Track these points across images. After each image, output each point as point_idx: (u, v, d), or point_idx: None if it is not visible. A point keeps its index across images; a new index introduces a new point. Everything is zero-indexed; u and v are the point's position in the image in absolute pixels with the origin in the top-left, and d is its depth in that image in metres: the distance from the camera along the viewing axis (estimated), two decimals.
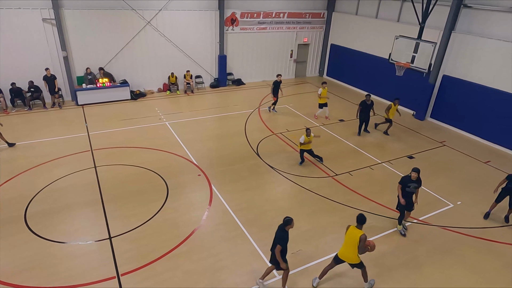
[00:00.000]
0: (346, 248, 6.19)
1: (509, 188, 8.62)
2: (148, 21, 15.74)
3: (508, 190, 8.66)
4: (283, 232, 6.02)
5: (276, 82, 14.69)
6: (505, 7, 12.36)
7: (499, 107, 12.90)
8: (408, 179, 7.70)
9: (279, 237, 6.00)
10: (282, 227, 6.05)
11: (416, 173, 7.58)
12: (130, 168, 10.35)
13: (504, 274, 7.22)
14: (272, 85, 14.79)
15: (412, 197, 7.92)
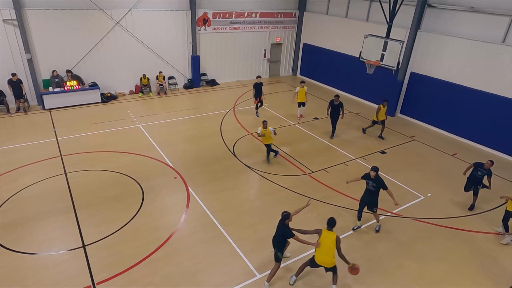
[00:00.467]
0: (325, 253, 6.18)
1: (473, 176, 9.14)
2: (117, 21, 15.33)
3: (473, 178, 9.16)
4: (284, 227, 6.26)
5: (256, 84, 14.28)
6: (466, 7, 12.99)
7: (462, 102, 13.54)
8: (368, 177, 7.94)
9: (285, 232, 6.24)
10: (282, 222, 6.28)
11: (374, 172, 7.77)
12: (103, 173, 10.04)
13: (472, 260, 7.60)
14: (253, 88, 14.34)
15: (374, 197, 7.96)
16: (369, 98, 17.42)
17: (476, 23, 12.93)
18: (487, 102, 12.80)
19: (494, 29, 12.43)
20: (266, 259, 7.24)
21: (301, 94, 14.31)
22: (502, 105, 12.38)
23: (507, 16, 12.00)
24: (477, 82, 13.08)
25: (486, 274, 7.24)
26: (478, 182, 9.16)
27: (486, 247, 8.03)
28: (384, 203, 9.40)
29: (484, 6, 12.52)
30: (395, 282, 6.92)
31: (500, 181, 10.95)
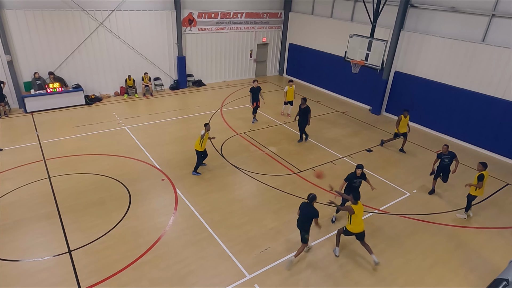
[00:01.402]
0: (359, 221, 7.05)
1: (442, 165, 9.78)
2: (101, 22, 15.08)
3: (443, 167, 9.80)
4: (309, 207, 6.90)
5: (253, 88, 13.75)
6: (447, 7, 13.30)
7: (444, 100, 13.86)
8: (354, 176, 8.16)
9: (311, 212, 6.87)
10: (308, 204, 6.91)
11: (360, 169, 8.11)
12: (88, 176, 9.87)
13: (456, 254, 7.79)
14: (250, 93, 13.89)
15: (358, 191, 8.36)
16: (355, 97, 17.64)
17: (457, 22, 13.25)
18: (467, 99, 13.14)
19: (474, 28, 12.76)
20: (256, 259, 7.26)
21: (289, 92, 14.40)
22: (481, 102, 12.72)
23: (486, 16, 12.34)
24: (457, 80, 13.41)
25: (470, 267, 7.43)
26: (447, 169, 9.76)
27: (469, 241, 8.24)
28: (372, 200, 9.56)
29: (464, 6, 12.84)
30: (382, 277, 7.03)
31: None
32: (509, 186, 10.81)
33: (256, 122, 14.24)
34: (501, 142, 12.46)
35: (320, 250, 7.68)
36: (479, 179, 8.39)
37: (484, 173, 8.42)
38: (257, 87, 13.77)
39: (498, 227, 8.84)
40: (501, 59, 12.07)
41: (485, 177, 8.41)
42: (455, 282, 7.03)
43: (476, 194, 8.68)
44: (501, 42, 12.08)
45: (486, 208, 9.60)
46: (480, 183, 8.36)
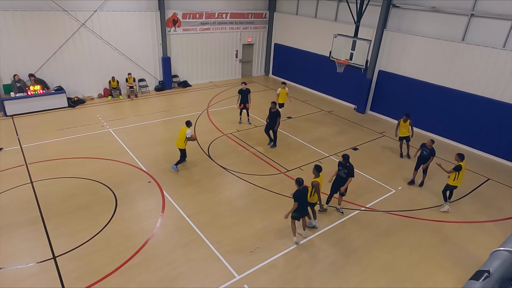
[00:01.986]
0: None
1: (421, 155, 10.21)
2: (83, 23, 14.80)
3: (421, 158, 10.24)
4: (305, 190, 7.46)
5: (241, 90, 13.57)
6: (428, 7, 13.60)
7: (427, 98, 14.17)
8: (340, 163, 8.64)
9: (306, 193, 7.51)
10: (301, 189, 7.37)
11: (343, 158, 8.46)
12: (72, 180, 9.67)
13: (441, 249, 7.98)
14: (238, 94, 13.68)
15: (343, 183, 8.64)
16: (341, 96, 17.83)
17: (438, 22, 13.56)
18: (449, 97, 13.46)
19: (454, 28, 13.08)
20: (245, 260, 7.26)
21: (282, 95, 14.32)
22: (463, 100, 13.06)
23: (465, 16, 12.67)
24: (440, 79, 13.73)
25: (454, 261, 7.62)
26: (424, 161, 10.17)
27: (453, 235, 8.45)
28: (359, 198, 9.69)
29: (444, 6, 13.15)
30: (370, 273, 7.14)
31: (465, 173, 11.52)
32: (490, 181, 11.13)
33: (246, 124, 14.16)
34: (482, 139, 12.82)
35: (310, 249, 7.74)
36: (456, 170, 8.76)
37: (462, 164, 8.77)
38: (246, 89, 13.62)
39: (480, 221, 9.09)
40: (480, 57, 12.42)
41: (463, 168, 8.74)
42: (441, 276, 7.19)
43: (453, 184, 9.01)
44: (480, 41, 12.43)
45: (469, 203, 9.86)
46: (457, 174, 8.77)
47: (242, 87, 13.69)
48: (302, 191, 7.39)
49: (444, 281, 7.06)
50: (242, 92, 13.62)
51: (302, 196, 7.39)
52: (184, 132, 9.92)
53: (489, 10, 12.05)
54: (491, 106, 12.38)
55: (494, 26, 12.03)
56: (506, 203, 9.91)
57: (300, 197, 7.35)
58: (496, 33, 12.01)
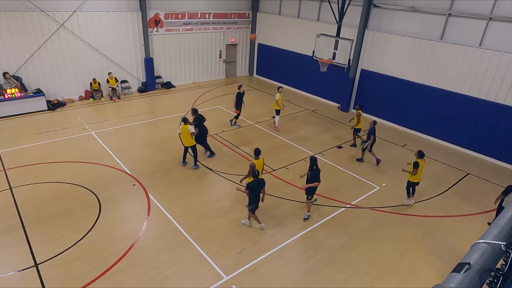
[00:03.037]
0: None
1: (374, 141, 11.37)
2: (61, 23, 14.44)
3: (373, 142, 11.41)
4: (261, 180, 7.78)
5: (239, 93, 13.42)
6: (407, 6, 13.90)
7: (408, 96, 14.48)
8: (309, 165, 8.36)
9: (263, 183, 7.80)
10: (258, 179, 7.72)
11: (310, 161, 8.23)
12: (53, 185, 9.42)
13: (423, 243, 8.17)
14: (235, 98, 13.52)
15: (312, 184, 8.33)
16: (324, 95, 18.02)
17: (417, 21, 13.88)
18: (429, 95, 13.80)
19: (433, 27, 13.42)
20: (233, 260, 7.25)
21: (280, 101, 13.39)
22: (442, 97, 13.41)
23: (443, 15, 13.02)
24: (419, 77, 14.06)
25: (436, 254, 7.82)
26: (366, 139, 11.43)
27: (435, 230, 8.67)
28: (344, 195, 9.82)
29: (423, 6, 13.48)
30: (356, 269, 7.25)
31: (444, 168, 11.87)
32: (469, 176, 11.47)
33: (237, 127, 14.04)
34: (461, 134, 13.20)
35: (296, 247, 7.79)
36: (414, 166, 8.94)
37: (419, 161, 8.97)
38: (243, 92, 13.52)
39: (460, 214, 9.36)
40: (457, 56, 12.79)
41: (420, 165, 8.96)
42: (424, 270, 7.37)
43: (412, 180, 9.23)
44: (458, 40, 12.79)
45: (449, 197, 10.14)
46: (415, 170, 8.92)
47: (240, 91, 13.50)
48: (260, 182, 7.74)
49: (428, 274, 7.24)
50: (239, 95, 13.45)
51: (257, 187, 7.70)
52: (187, 129, 10.03)
53: (466, 10, 12.42)
54: (468, 103, 12.76)
55: (470, 25, 12.40)
56: (484, 197, 10.23)
57: (255, 188, 7.66)
58: (472, 32, 12.39)
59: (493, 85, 12.13)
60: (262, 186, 7.86)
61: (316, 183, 8.20)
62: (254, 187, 7.66)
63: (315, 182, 8.18)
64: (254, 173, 7.86)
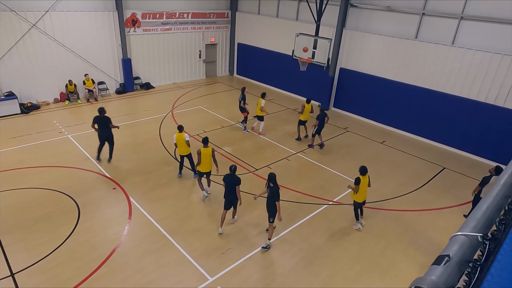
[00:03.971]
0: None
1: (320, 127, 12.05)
2: (33, 24, 13.93)
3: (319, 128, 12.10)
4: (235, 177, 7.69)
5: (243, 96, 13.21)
6: (383, 6, 14.22)
7: (386, 94, 14.83)
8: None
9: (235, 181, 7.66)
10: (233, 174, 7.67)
11: (268, 178, 7.16)
12: (29, 191, 9.09)
13: (404, 236, 8.39)
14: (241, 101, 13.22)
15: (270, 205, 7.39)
16: (305, 94, 18.15)
17: (393, 21, 14.22)
18: (406, 92, 14.17)
19: (408, 26, 13.79)
20: (218, 261, 7.21)
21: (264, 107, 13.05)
22: (419, 94, 13.80)
23: (417, 15, 13.39)
24: (397, 75, 14.42)
25: (416, 247, 8.05)
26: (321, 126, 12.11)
27: (414, 223, 8.92)
28: (326, 193, 9.95)
29: (398, 6, 13.82)
30: (340, 265, 7.36)
31: (422, 163, 12.22)
32: (445, 170, 11.86)
33: (214, 125, 14.07)
34: (437, 130, 13.63)
35: (280, 246, 7.83)
36: (355, 183, 7.88)
37: (361, 177, 7.86)
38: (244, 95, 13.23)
39: (438, 208, 9.67)
40: (432, 54, 13.19)
41: (362, 181, 7.84)
42: (405, 263, 7.57)
43: (354, 198, 8.15)
44: (432, 39, 13.19)
45: (427, 191, 10.45)
46: (356, 187, 7.85)
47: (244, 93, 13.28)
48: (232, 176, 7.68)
49: (409, 267, 7.44)
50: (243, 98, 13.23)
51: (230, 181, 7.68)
52: (182, 138, 9.59)
53: (438, 9, 12.82)
54: (444, 100, 13.18)
55: (443, 25, 12.82)
56: (460, 190, 10.61)
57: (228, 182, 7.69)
58: (445, 31, 12.81)
59: (466, 82, 12.58)
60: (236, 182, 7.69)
61: (277, 202, 7.16)
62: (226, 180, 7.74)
63: (275, 201, 7.15)
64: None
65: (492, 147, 12.26)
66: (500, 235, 1.60)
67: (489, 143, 12.35)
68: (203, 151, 8.68)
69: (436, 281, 1.31)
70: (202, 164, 8.83)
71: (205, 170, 8.97)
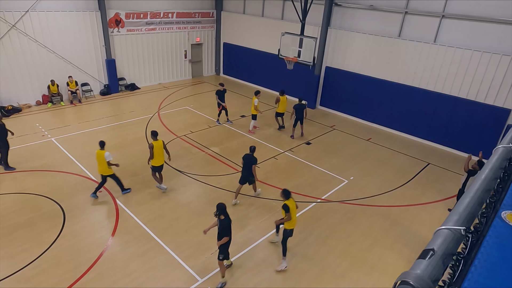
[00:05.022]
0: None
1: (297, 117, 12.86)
2: (13, 24, 13.56)
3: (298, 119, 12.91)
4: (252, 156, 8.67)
5: (218, 91, 13.59)
6: (366, 5, 14.40)
7: (371, 91, 15.03)
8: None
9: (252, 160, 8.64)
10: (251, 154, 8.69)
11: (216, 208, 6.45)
12: (10, 196, 8.84)
13: (390, 232, 8.53)
14: (216, 95, 13.62)
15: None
16: (291, 93, 18.19)
17: (376, 19, 14.42)
18: (390, 90, 14.39)
19: (391, 24, 14.00)
20: (207, 262, 7.18)
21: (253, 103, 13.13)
22: (402, 92, 14.04)
23: (400, 14, 13.61)
24: (381, 73, 14.63)
25: (403, 242, 8.19)
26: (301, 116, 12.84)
27: (401, 219, 9.07)
28: (314, 191, 10.02)
29: (381, 5, 14.01)
30: (328, 262, 7.42)
31: (407, 159, 12.43)
32: (430, 165, 12.10)
33: (203, 125, 13.99)
34: (420, 126, 13.89)
35: (269, 245, 7.85)
36: (285, 211, 6.82)
37: (287, 202, 6.84)
38: (223, 90, 13.67)
39: (423, 203, 9.86)
40: (414, 52, 13.43)
41: (290, 207, 6.80)
42: (392, 257, 7.69)
43: (288, 227, 7.05)
44: (414, 37, 13.44)
45: (412, 187, 10.64)
46: (288, 215, 6.83)
47: (219, 88, 13.72)
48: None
49: (396, 262, 7.56)
50: (219, 93, 13.67)
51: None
52: (102, 156, 8.34)
53: (420, 8, 13.06)
54: (426, 96, 13.45)
55: (425, 23, 13.07)
56: (444, 185, 10.85)
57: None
58: (427, 29, 13.06)
59: (448, 79, 12.86)
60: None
61: (225, 238, 6.28)
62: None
63: (224, 236, 6.27)
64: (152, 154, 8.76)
65: (472, 142, 12.57)
66: (482, 228, 1.64)
67: (470, 138, 12.66)
68: (155, 144, 8.77)
69: (421, 275, 1.34)
70: (155, 158, 8.88)
71: (158, 163, 9.06)
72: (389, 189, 10.38)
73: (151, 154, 8.77)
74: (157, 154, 8.87)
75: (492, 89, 12.00)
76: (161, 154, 8.98)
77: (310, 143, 13.14)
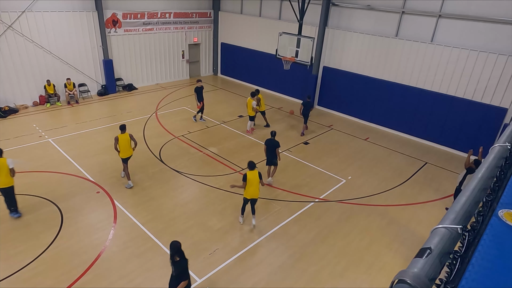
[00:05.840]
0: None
1: (304, 113, 13.24)
2: (9, 25, 13.49)
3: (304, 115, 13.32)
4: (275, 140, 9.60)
5: (197, 88, 13.79)
6: (363, 5, 14.43)
7: (368, 91, 15.06)
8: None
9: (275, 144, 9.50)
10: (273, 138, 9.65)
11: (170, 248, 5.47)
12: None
13: (388, 231, 8.55)
14: (195, 92, 13.91)
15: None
16: (289, 92, 18.29)
17: (373, 19, 14.45)
18: (387, 89, 14.43)
19: (388, 24, 14.03)
20: (205, 262, 7.17)
21: (249, 104, 13.16)
22: (399, 91, 14.08)
23: (397, 13, 13.65)
24: (377, 72, 14.66)
25: (400, 240, 8.21)
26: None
27: (398, 218, 9.10)
28: (312, 190, 10.02)
29: (378, 5, 14.04)
30: (327, 261, 7.43)
31: (404, 159, 12.46)
32: (427, 165, 12.14)
33: (203, 122, 14.21)
34: (418, 125, 13.94)
35: (268, 244, 7.85)
36: (242, 179, 7.74)
37: (248, 172, 7.71)
38: (201, 87, 13.87)
39: (420, 202, 9.89)
40: (411, 51, 13.47)
41: (248, 177, 7.65)
42: (390, 256, 7.71)
43: (244, 195, 7.98)
44: (411, 36, 13.48)
45: (409, 186, 10.67)
46: (244, 183, 7.71)
47: (197, 85, 13.89)
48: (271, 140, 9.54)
49: (393, 261, 7.58)
50: (198, 90, 13.86)
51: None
52: (4, 164, 7.26)
53: (417, 8, 13.10)
54: (423, 96, 13.49)
55: (422, 23, 13.11)
56: (441, 184, 10.88)
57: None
58: (424, 29, 13.10)
59: (444, 78, 12.90)
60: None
61: (184, 282, 5.33)
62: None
63: (181, 281, 5.34)
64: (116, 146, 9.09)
65: (469, 141, 12.61)
66: (479, 226, 1.64)
67: (467, 137, 12.70)
68: (120, 137, 9.08)
69: (418, 274, 1.34)
70: (122, 150, 9.16)
71: (126, 155, 9.29)
72: (386, 188, 10.40)
73: (116, 146, 9.10)
74: (123, 146, 9.13)
75: (488, 88, 12.05)
76: (127, 146, 9.22)
77: (308, 143, 13.15)
